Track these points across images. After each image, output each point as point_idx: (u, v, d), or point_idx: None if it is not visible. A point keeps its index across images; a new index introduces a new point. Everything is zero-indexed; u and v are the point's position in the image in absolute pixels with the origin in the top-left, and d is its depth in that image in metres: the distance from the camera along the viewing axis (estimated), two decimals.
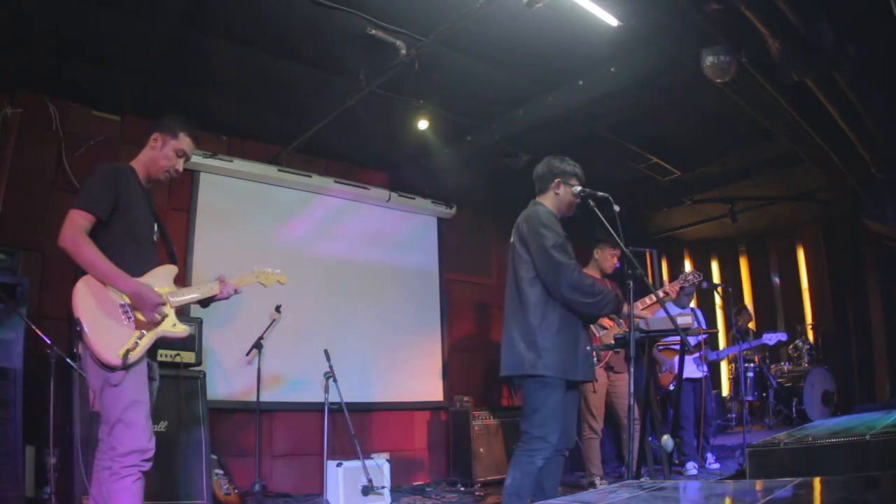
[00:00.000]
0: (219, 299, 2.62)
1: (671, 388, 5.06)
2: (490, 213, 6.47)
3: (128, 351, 2.18)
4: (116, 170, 2.41)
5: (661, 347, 5.16)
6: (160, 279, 2.43)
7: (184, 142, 2.53)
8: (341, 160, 5.67)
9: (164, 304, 2.32)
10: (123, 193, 2.36)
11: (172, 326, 2.39)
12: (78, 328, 2.16)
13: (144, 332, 2.27)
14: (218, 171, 4.92)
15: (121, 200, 2.35)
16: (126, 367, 2.17)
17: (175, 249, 2.71)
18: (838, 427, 3.28)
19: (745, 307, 7.17)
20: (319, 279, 5.24)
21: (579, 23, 3.51)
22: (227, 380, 4.62)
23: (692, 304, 5.45)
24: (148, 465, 2.17)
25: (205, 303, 2.61)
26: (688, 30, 3.44)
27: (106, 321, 2.21)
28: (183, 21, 3.64)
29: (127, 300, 2.26)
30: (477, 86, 4.44)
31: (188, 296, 2.50)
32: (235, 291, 2.64)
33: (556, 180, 3.05)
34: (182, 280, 2.68)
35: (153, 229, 2.55)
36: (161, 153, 2.50)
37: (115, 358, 2.15)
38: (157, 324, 2.31)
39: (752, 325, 7.10)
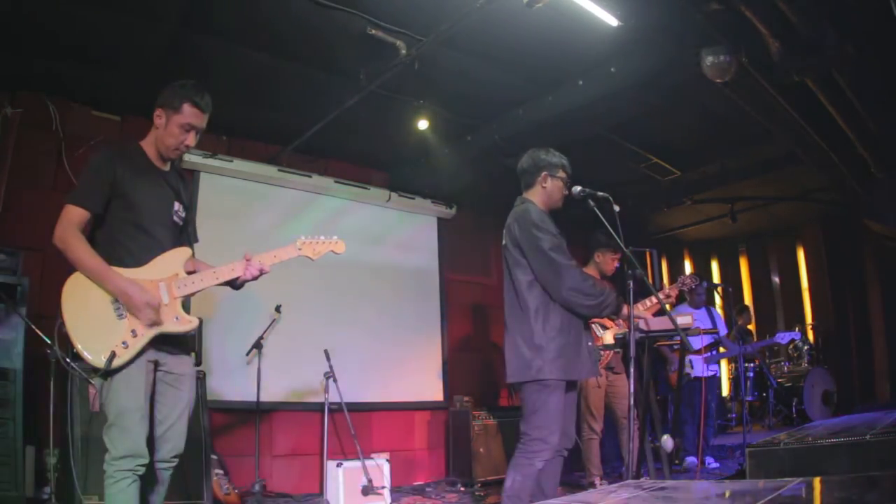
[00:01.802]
0: (243, 281, 2.34)
1: None
2: (490, 213, 6.45)
3: (113, 354, 2.03)
4: (112, 155, 2.22)
5: (675, 347, 5.15)
6: (166, 267, 2.22)
7: (187, 114, 2.23)
8: (341, 160, 5.67)
9: (153, 304, 2.12)
10: (121, 179, 2.17)
11: (175, 321, 2.18)
12: (63, 329, 2.04)
13: (137, 330, 2.10)
14: (218, 171, 4.92)
15: (118, 188, 2.16)
16: (110, 371, 2.03)
17: (192, 230, 2.47)
18: (838, 427, 3.28)
19: (746, 307, 7.16)
20: (319, 279, 5.23)
21: (579, 23, 3.51)
22: (227, 380, 4.61)
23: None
24: (143, 470, 2.05)
25: (234, 285, 2.36)
26: (688, 30, 3.44)
27: (94, 320, 2.08)
28: (183, 21, 3.64)
29: None
30: (477, 86, 4.44)
31: (200, 283, 2.26)
32: (262, 272, 2.34)
33: (543, 174, 2.98)
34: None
35: (170, 210, 2.31)
36: (166, 131, 2.25)
37: (98, 361, 2.03)
38: (154, 323, 2.13)
39: (751, 327, 7.10)
